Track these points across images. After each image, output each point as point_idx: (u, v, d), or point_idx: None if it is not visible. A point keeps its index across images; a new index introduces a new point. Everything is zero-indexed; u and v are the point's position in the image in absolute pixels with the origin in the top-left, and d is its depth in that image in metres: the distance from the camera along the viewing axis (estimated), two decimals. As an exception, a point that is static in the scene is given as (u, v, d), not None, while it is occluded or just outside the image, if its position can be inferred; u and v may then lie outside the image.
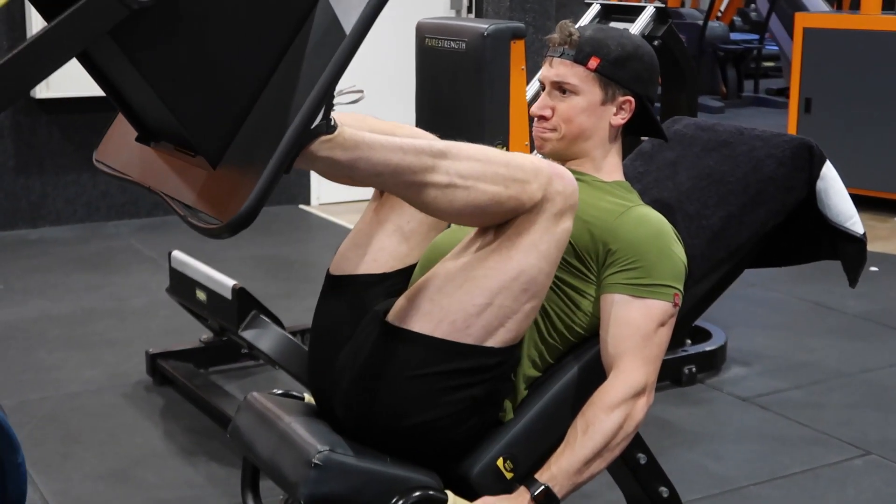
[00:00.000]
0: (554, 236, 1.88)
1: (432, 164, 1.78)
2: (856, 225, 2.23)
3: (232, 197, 1.59)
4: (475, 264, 1.89)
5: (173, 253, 3.63)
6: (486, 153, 1.85)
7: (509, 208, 1.84)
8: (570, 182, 1.88)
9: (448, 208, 1.82)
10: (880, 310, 4.61)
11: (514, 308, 1.90)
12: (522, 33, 3.52)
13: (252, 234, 5.94)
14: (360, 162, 1.72)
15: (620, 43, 2.14)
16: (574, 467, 1.97)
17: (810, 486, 3.06)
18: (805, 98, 6.50)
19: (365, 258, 2.12)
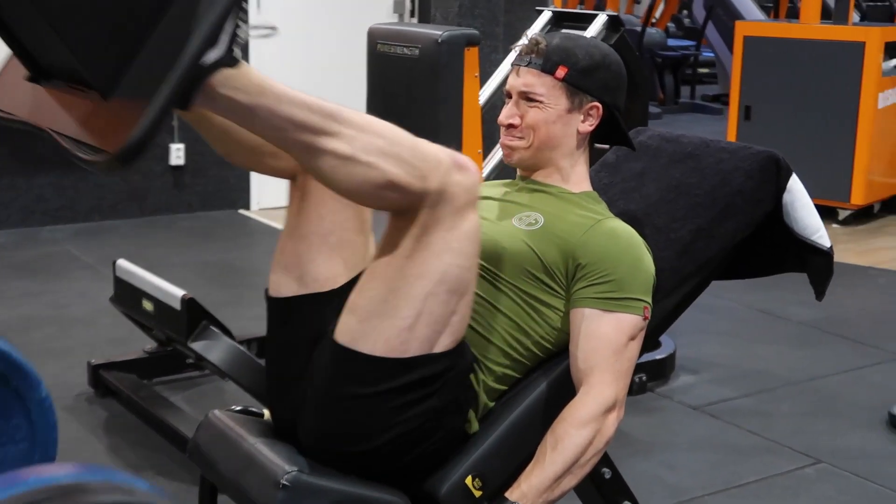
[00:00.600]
0: (461, 232, 1.79)
1: (337, 131, 1.68)
2: (822, 238, 2.23)
3: (121, 128, 1.50)
4: (393, 276, 1.82)
5: (118, 262, 3.54)
6: (395, 132, 1.75)
7: (407, 195, 1.74)
8: (473, 174, 1.80)
9: (344, 182, 1.73)
10: (825, 317, 4.65)
11: (446, 311, 1.83)
12: (477, 40, 3.50)
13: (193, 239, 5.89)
14: (261, 110, 1.63)
15: (588, 52, 2.12)
16: (545, 484, 1.94)
17: (764, 495, 3.07)
18: (745, 106, 6.56)
19: (303, 279, 2.00)
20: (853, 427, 3.53)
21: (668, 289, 2.15)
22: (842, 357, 4.20)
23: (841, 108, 6.22)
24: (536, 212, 2.09)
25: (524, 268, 2.03)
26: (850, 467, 3.22)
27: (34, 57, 1.70)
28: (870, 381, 3.95)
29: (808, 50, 6.33)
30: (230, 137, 1.97)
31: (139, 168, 6.17)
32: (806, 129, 6.27)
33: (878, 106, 6.20)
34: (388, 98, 3.66)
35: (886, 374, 4.02)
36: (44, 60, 1.70)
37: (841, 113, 6.22)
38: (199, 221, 6.23)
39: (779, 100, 6.44)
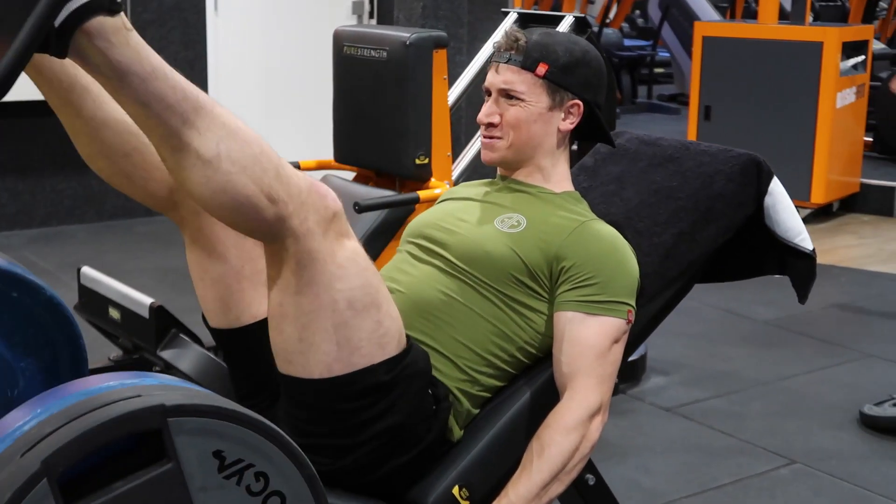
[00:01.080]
0: (342, 257, 1.70)
1: (205, 128, 1.56)
2: (805, 241, 2.22)
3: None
4: (295, 315, 1.72)
5: (83, 269, 3.45)
6: (262, 146, 1.62)
7: (262, 219, 1.63)
8: (330, 202, 1.69)
9: (200, 186, 1.59)
10: (788, 316, 4.67)
11: (366, 332, 1.75)
12: (445, 42, 3.47)
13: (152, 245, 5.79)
14: (133, 79, 1.50)
15: (568, 48, 2.09)
16: (532, 492, 1.91)
17: (741, 497, 3.07)
18: (705, 106, 6.59)
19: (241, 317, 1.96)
20: (825, 427, 3.54)
21: (652, 293, 2.13)
22: (808, 356, 4.22)
23: (800, 107, 6.27)
24: (519, 213, 2.06)
25: (508, 272, 2.00)
26: (824, 468, 3.23)
27: None
28: (838, 380, 3.97)
29: (767, 50, 6.36)
30: (97, 135, 1.86)
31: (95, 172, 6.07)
32: (765, 128, 6.31)
33: (837, 105, 6.25)
34: (354, 101, 3.62)
35: (854, 373, 4.04)
36: None
37: (800, 112, 6.26)
38: (157, 226, 6.14)
39: (738, 100, 6.47)
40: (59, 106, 1.86)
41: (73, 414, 1.38)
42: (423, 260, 2.07)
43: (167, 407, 1.38)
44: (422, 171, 3.47)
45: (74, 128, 1.88)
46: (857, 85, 6.48)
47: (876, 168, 7.08)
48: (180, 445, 1.39)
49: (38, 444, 1.34)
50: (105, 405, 1.39)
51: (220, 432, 1.43)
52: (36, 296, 2.12)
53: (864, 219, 6.58)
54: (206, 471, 1.42)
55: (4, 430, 1.43)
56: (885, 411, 3.52)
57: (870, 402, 3.61)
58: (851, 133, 6.54)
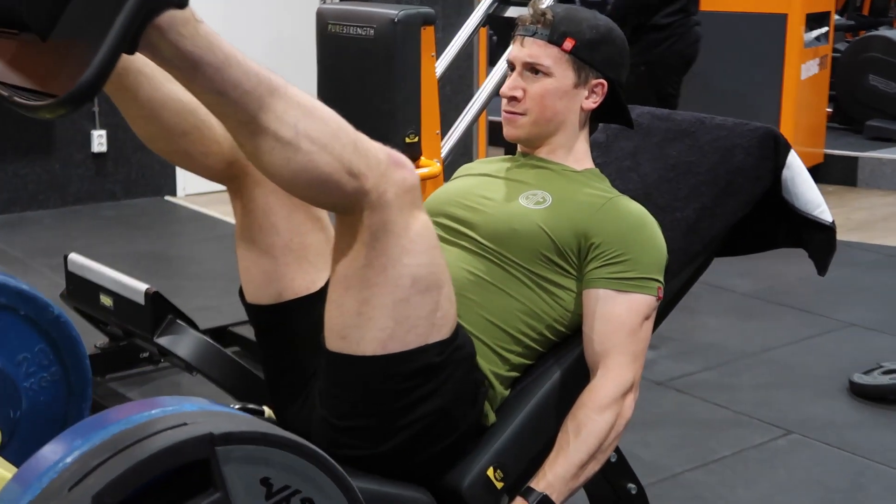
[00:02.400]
0: (414, 232, 1.70)
1: (282, 110, 1.55)
2: (824, 213, 2.23)
3: (68, 70, 1.40)
4: (358, 286, 1.71)
5: (71, 256, 3.40)
6: (339, 122, 1.63)
7: (343, 193, 1.63)
8: (410, 173, 1.70)
9: (281, 168, 1.59)
10: (767, 288, 4.71)
11: (424, 311, 1.75)
12: (433, 19, 3.42)
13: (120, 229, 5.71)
14: (207, 68, 1.49)
15: (594, 24, 2.07)
16: (570, 472, 1.90)
17: (741, 468, 3.09)
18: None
19: (282, 293, 1.93)
20: (816, 396, 3.57)
21: (676, 269, 2.13)
22: (791, 327, 4.26)
23: (765, 79, 6.30)
24: (543, 190, 2.04)
25: (537, 250, 1.98)
26: (820, 437, 3.26)
27: None
28: (823, 349, 4.01)
29: (732, 22, 6.38)
30: (155, 117, 1.84)
31: (59, 156, 5.98)
32: (731, 100, 6.33)
33: (801, 77, 6.29)
34: (340, 80, 3.57)
35: (837, 341, 4.08)
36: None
37: (765, 84, 6.30)
38: (124, 210, 6.06)
39: (704, 72, 6.48)
40: (115, 91, 1.82)
41: (119, 445, 1.34)
42: (447, 240, 2.04)
43: (215, 436, 1.35)
44: (412, 150, 3.42)
45: (131, 112, 1.85)
46: (820, 56, 6.54)
47: (838, 139, 7.15)
48: (228, 474, 1.36)
49: (86, 479, 1.31)
50: (151, 436, 1.36)
51: (267, 459, 1.40)
52: (43, 313, 2.08)
53: (829, 189, 6.64)
54: (254, 498, 1.39)
55: (46, 463, 1.38)
56: (874, 379, 3.56)
57: (855, 370, 3.65)
58: (815, 104, 6.59)
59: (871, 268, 4.96)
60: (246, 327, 3.87)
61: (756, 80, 6.32)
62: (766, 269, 4.96)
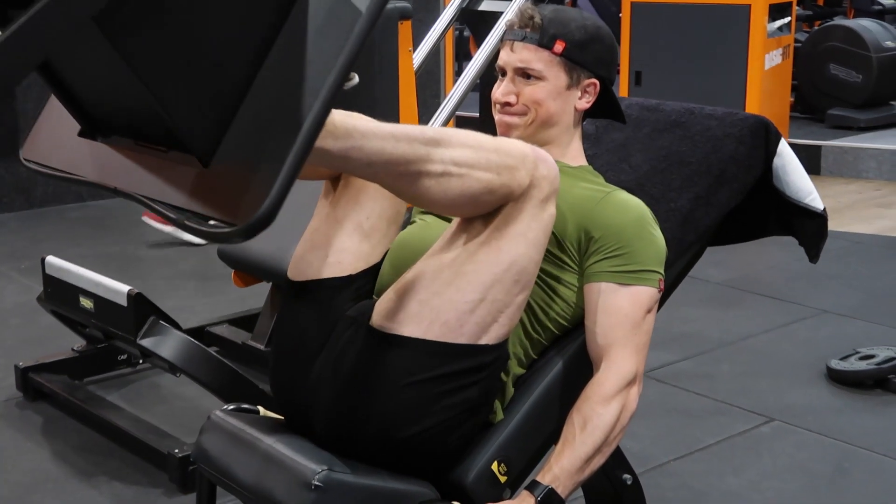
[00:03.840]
0: (541, 223, 1.81)
1: (426, 153, 1.69)
2: (815, 201, 2.25)
3: (244, 196, 1.42)
4: (464, 259, 1.80)
5: (48, 259, 3.35)
6: (477, 139, 1.77)
7: (500, 196, 1.77)
8: (552, 165, 1.82)
9: (441, 198, 1.74)
10: (741, 277, 4.75)
11: (507, 301, 1.82)
12: (410, 13, 3.43)
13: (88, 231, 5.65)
14: (353, 152, 1.62)
15: (582, 25, 2.08)
16: (576, 465, 1.91)
17: (728, 456, 3.11)
18: (635, 71, 6.63)
19: (328, 260, 1.97)
20: (795, 383, 3.60)
21: (672, 259, 2.13)
22: (766, 315, 4.29)
23: (729, 69, 6.34)
24: None
25: (537, 245, 1.98)
26: (801, 423, 3.29)
27: (90, 111, 1.60)
28: (799, 336, 4.04)
29: (695, 13, 6.42)
30: None
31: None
32: (696, 91, 6.36)
33: (765, 67, 6.35)
34: (316, 76, 3.56)
35: (813, 328, 4.12)
36: (103, 115, 1.59)
37: (730, 75, 6.34)
38: (91, 212, 5.99)
39: (668, 64, 6.53)
40: None
41: None
42: (445, 236, 2.04)
43: None
44: (390, 146, 3.42)
45: None
46: (783, 46, 6.59)
47: (800, 127, 7.22)
48: None
49: None
50: None
51: None
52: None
53: (793, 178, 6.70)
54: None
55: None
56: (851, 365, 3.60)
57: (832, 356, 3.69)
58: (779, 94, 6.65)
59: (840, 255, 5.01)
60: (224, 327, 3.85)
61: (720, 70, 6.36)
62: (738, 258, 4.99)
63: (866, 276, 4.79)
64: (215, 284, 4.45)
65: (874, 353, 3.64)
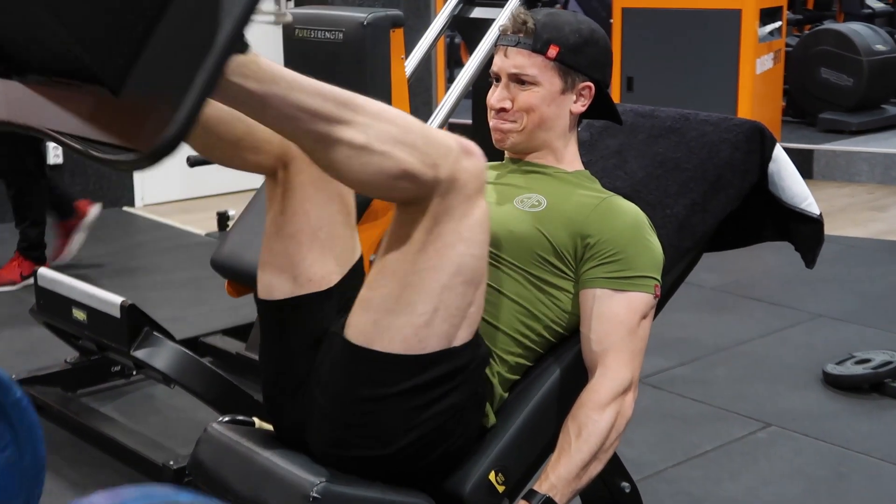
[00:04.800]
0: (473, 219, 1.74)
1: (351, 119, 1.61)
2: (811, 206, 2.24)
3: (150, 123, 1.38)
4: (406, 269, 1.75)
5: (40, 270, 3.33)
6: (406, 120, 1.69)
7: (420, 185, 1.69)
8: (479, 160, 1.74)
9: (358, 173, 1.65)
10: (734, 282, 4.74)
11: (463, 303, 1.78)
12: (402, 21, 3.41)
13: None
14: (273, 99, 1.55)
15: (576, 28, 2.07)
16: (573, 473, 1.90)
17: (725, 462, 3.10)
18: (627, 77, 6.63)
19: (298, 279, 1.91)
20: (791, 388, 3.60)
21: (668, 265, 2.12)
22: (761, 320, 4.29)
23: (721, 74, 6.35)
24: (537, 193, 2.04)
25: (533, 251, 1.98)
26: (798, 428, 3.28)
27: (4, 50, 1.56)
28: (795, 341, 4.04)
29: (687, 19, 6.43)
30: (209, 131, 1.86)
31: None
32: (688, 96, 6.36)
33: (757, 71, 6.35)
34: (308, 84, 3.54)
35: (808, 333, 4.12)
36: (22, 53, 1.55)
37: (721, 79, 6.35)
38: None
39: (660, 69, 6.53)
40: None
41: None
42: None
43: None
44: (384, 154, 3.40)
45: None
46: (774, 51, 6.60)
47: (792, 131, 7.23)
48: None
49: None
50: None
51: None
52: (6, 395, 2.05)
53: (786, 182, 6.71)
54: None
55: None
56: (847, 369, 3.59)
57: (827, 360, 3.69)
58: (771, 98, 6.65)
59: (834, 259, 5.00)
60: (218, 337, 3.84)
61: (712, 75, 6.37)
62: (732, 263, 4.98)
63: (861, 279, 4.79)
64: (209, 294, 4.43)
65: (870, 356, 3.64)
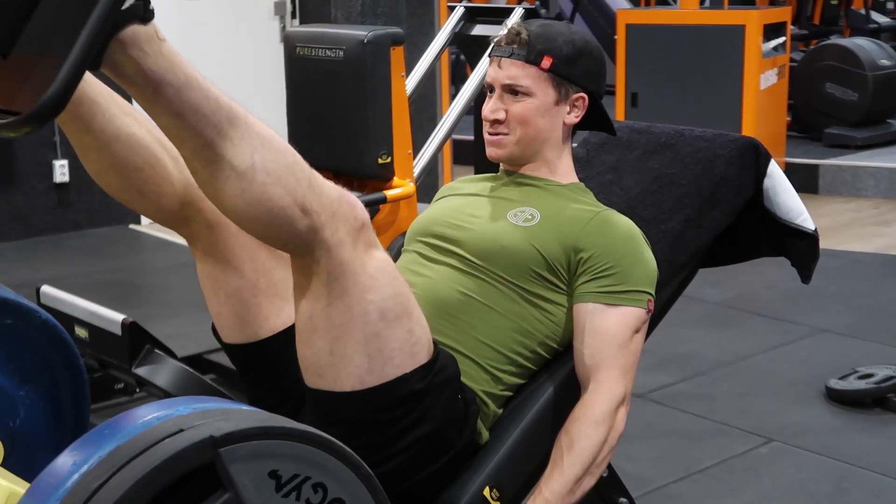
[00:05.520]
0: (372, 268, 1.68)
1: (239, 138, 1.54)
2: (806, 221, 2.24)
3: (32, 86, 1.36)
4: (325, 328, 1.69)
5: (42, 288, 3.35)
6: (295, 158, 1.61)
7: (294, 230, 1.60)
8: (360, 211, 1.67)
9: (234, 198, 1.56)
10: (737, 296, 4.74)
11: (397, 341, 1.72)
12: (402, 39, 3.43)
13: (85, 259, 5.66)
14: (167, 89, 1.48)
15: (570, 39, 2.07)
16: (565, 488, 1.90)
17: (726, 478, 3.09)
18: (631, 93, 6.64)
19: (258, 332, 1.91)
20: (793, 403, 3.59)
21: (663, 281, 2.13)
22: (764, 335, 4.28)
23: (725, 90, 6.36)
24: (530, 207, 2.04)
25: (527, 266, 1.98)
26: (800, 443, 3.28)
27: None
28: (796, 356, 4.03)
29: (690, 35, 6.44)
30: (106, 150, 1.80)
31: (21, 187, 5.91)
32: (692, 112, 6.38)
33: (761, 87, 6.36)
34: (310, 102, 3.57)
35: (811, 348, 4.11)
36: None
37: (725, 95, 6.36)
38: (88, 240, 5.99)
39: (664, 85, 6.54)
40: (67, 121, 1.79)
41: (118, 462, 1.34)
42: (436, 260, 2.03)
43: (216, 438, 1.35)
44: (384, 171, 3.43)
45: (83, 143, 1.81)
46: (778, 66, 6.61)
47: (797, 146, 7.23)
48: (235, 473, 1.36)
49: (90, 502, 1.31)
50: (150, 447, 1.35)
51: (273, 452, 1.41)
52: (30, 320, 2.06)
53: (791, 197, 6.70)
54: (265, 494, 1.40)
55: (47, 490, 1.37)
56: (850, 385, 3.58)
57: (831, 375, 3.68)
58: (775, 113, 6.66)
59: (838, 273, 5.00)
60: (221, 354, 3.84)
61: (716, 90, 6.38)
62: (735, 278, 4.98)
63: (865, 294, 4.78)
64: (213, 311, 4.44)
65: (873, 371, 3.63)
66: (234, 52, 6.42)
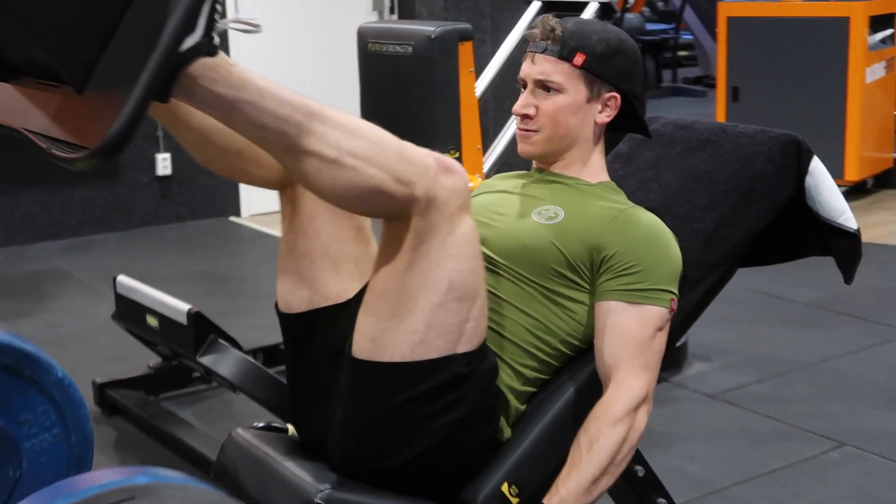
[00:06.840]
0: (459, 236, 1.73)
1: (321, 132, 1.61)
2: (849, 220, 2.18)
3: (99, 122, 1.42)
4: (396, 289, 1.74)
5: (118, 278, 3.47)
6: (380, 135, 1.68)
7: (393, 202, 1.68)
8: (459, 177, 1.73)
9: (330, 186, 1.65)
10: (830, 297, 4.62)
11: (457, 320, 1.77)
12: (470, 34, 3.43)
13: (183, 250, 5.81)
14: (243, 105, 1.56)
15: (604, 37, 2.05)
16: (583, 487, 1.88)
17: (791, 482, 3.03)
18: (732, 87, 6.52)
19: (313, 295, 1.95)
20: (871, 407, 3.49)
21: (695, 280, 2.09)
22: (850, 336, 4.17)
23: (829, 84, 6.19)
24: (556, 205, 2.03)
25: (547, 265, 1.97)
26: (873, 449, 3.18)
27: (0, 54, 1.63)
28: (882, 359, 3.91)
29: (793, 28, 6.29)
30: (209, 142, 1.91)
31: (125, 180, 6.10)
32: (795, 107, 6.23)
33: (866, 80, 6.17)
34: (381, 97, 3.60)
35: (897, 351, 3.99)
36: (11, 57, 1.62)
37: (829, 89, 6.19)
38: (188, 231, 6.16)
39: (766, 79, 6.40)
40: (171, 124, 1.90)
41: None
42: (462, 257, 2.04)
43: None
44: (452, 166, 3.43)
45: (188, 140, 1.92)
46: (886, 59, 6.40)
47: (907, 142, 6.99)
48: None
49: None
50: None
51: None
52: (47, 375, 2.13)
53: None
54: None
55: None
56: (932, 389, 3.47)
57: (915, 380, 3.57)
58: (882, 108, 6.45)
59: (939, 274, 4.84)
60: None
61: (820, 84, 6.21)
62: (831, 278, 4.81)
63: (963, 296, 4.62)
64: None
65: (957, 376, 3.51)
66: (334, 48, 6.50)
